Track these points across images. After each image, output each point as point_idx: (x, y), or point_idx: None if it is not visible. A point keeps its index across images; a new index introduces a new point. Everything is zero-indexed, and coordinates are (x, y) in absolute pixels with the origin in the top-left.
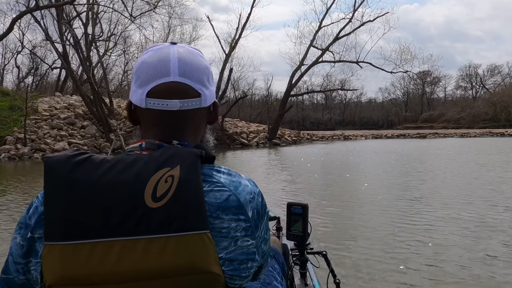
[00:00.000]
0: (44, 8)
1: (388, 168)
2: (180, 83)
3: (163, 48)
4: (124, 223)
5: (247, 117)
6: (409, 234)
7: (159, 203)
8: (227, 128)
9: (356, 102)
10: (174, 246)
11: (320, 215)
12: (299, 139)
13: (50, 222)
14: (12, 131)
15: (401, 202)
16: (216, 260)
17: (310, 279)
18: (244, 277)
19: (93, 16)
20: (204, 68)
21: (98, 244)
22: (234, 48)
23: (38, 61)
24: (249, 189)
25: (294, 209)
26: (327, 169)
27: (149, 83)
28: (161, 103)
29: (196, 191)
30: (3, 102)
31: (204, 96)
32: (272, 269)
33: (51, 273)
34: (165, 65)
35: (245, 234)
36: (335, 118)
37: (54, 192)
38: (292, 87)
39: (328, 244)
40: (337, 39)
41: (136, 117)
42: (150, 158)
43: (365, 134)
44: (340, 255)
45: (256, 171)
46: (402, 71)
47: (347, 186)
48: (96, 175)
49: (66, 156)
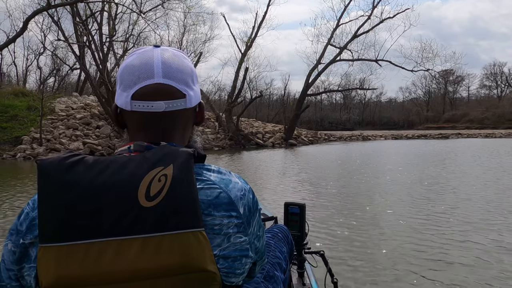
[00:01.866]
0: (55, 6)
1: (398, 169)
2: (164, 84)
3: (147, 51)
4: (118, 223)
5: (265, 117)
6: (410, 234)
7: (153, 202)
8: (242, 128)
9: (376, 102)
10: (169, 245)
11: (319, 214)
12: (316, 139)
13: (45, 224)
14: (28, 131)
15: (404, 203)
16: (212, 258)
17: (308, 279)
18: (239, 274)
19: (109, 16)
20: (188, 70)
21: (93, 244)
22: (250, 47)
23: (59, 62)
24: (240, 186)
25: (291, 209)
26: (332, 170)
27: (134, 86)
28: (146, 105)
29: (189, 190)
30: (21, 103)
31: (189, 96)
32: (278, 256)
33: (46, 275)
34: (149, 68)
35: (237, 230)
36: (354, 118)
37: (48, 194)
38: (309, 86)
39: (327, 243)
40: (356, 37)
41: (123, 120)
42: (143, 158)
43: (385, 135)
44: (338, 255)
45: (262, 171)
46: (423, 70)
47: (350, 187)
48: (89, 176)
49: (59, 158)
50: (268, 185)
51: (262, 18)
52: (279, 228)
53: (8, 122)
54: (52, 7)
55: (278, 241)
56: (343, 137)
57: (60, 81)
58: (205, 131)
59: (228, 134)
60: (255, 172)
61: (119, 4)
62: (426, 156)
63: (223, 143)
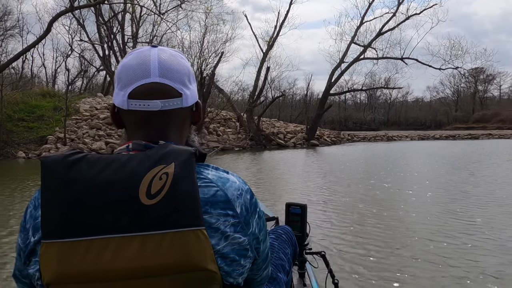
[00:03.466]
0: (78, 8)
1: (417, 171)
2: (160, 83)
3: (144, 51)
4: (119, 220)
5: (287, 117)
6: (410, 235)
7: (154, 200)
8: (263, 128)
9: (402, 102)
10: (169, 243)
11: (321, 214)
12: (338, 140)
13: (47, 221)
14: (53, 131)
15: (409, 204)
16: (212, 257)
17: (309, 279)
18: (238, 274)
19: (134, 17)
20: (184, 69)
21: (94, 241)
22: (271, 46)
23: (86, 64)
24: (237, 186)
25: (292, 209)
26: (348, 171)
27: (130, 85)
28: (142, 103)
29: (190, 188)
30: (48, 103)
31: (185, 96)
32: (281, 258)
33: (48, 271)
34: (145, 67)
35: (234, 230)
36: (379, 118)
37: (51, 191)
38: (331, 85)
39: (328, 244)
40: (380, 34)
41: (121, 120)
42: (145, 156)
43: (411, 135)
44: (339, 256)
45: (278, 171)
46: (452, 68)
47: (363, 189)
48: (91, 173)
49: (62, 155)
50: (281, 185)
51: (284, 17)
52: (283, 229)
53: (35, 122)
54: (75, 9)
55: (282, 242)
56: (367, 137)
57: (87, 82)
58: (226, 131)
59: (249, 134)
60: (270, 172)
61: (139, 5)
62: (453, 157)
63: (244, 143)
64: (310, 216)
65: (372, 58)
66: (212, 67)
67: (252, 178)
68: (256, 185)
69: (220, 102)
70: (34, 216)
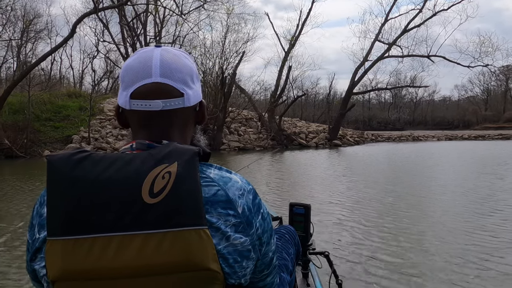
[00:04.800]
0: (101, 10)
1: (439, 174)
2: (161, 83)
3: (147, 51)
4: (122, 219)
5: (310, 117)
6: (412, 237)
7: (156, 199)
8: (285, 128)
9: (428, 101)
10: (170, 242)
11: (325, 215)
12: (362, 140)
13: (52, 218)
14: (78, 131)
15: (414, 205)
16: (214, 257)
17: (312, 280)
18: (240, 276)
19: (157, 17)
20: (187, 69)
21: (97, 239)
22: (293, 45)
23: (112, 65)
24: (239, 186)
25: (296, 209)
26: (368, 172)
27: (132, 85)
28: (144, 103)
29: (193, 188)
30: (74, 103)
31: (187, 95)
32: (284, 258)
33: (53, 269)
34: (147, 67)
35: (235, 230)
36: (404, 118)
37: (56, 189)
38: (355, 84)
39: (331, 244)
40: (406, 31)
41: (125, 119)
42: (148, 155)
43: (438, 135)
44: (343, 256)
45: (295, 171)
46: (482, 65)
47: (379, 190)
48: (95, 172)
49: (67, 154)
50: (296, 185)
51: (307, 16)
52: (286, 229)
53: (61, 122)
54: (99, 11)
55: (285, 242)
56: (392, 137)
57: (113, 82)
58: (247, 131)
59: (271, 134)
60: (287, 172)
61: (162, 6)
62: (482, 159)
63: (265, 143)
64: (320, 216)
65: (397, 56)
66: (233, 66)
67: (267, 178)
68: (268, 185)
69: (241, 102)
70: (40, 213)
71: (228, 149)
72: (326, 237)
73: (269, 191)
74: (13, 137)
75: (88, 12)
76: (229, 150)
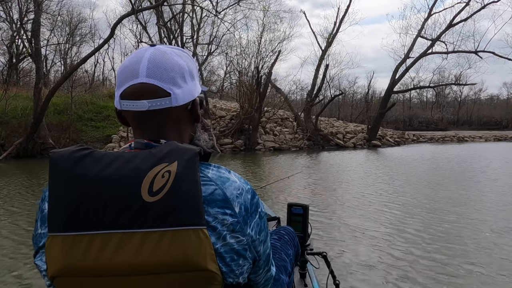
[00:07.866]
0: (139, 11)
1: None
2: (147, 83)
3: (140, 51)
4: (121, 217)
5: (348, 117)
6: (412, 238)
7: (155, 197)
8: (321, 128)
9: (474, 99)
10: (169, 241)
11: (325, 216)
12: (402, 140)
13: (53, 214)
14: (118, 130)
15: (415, 206)
16: (213, 257)
17: (310, 280)
18: (238, 274)
19: (193, 17)
20: (177, 67)
21: (96, 236)
22: (330, 43)
23: None
24: (237, 185)
25: (294, 210)
26: (400, 175)
27: (122, 86)
28: (131, 104)
29: (192, 187)
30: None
31: (174, 95)
32: (283, 259)
33: (53, 264)
34: (136, 67)
35: (232, 229)
36: (448, 118)
37: (57, 186)
38: (395, 83)
39: (331, 245)
40: (451, 26)
41: (124, 118)
42: (149, 154)
43: (485, 136)
44: (341, 256)
45: (329, 172)
46: None
47: (409, 196)
48: (96, 170)
49: (69, 151)
50: (320, 187)
51: (345, 13)
52: (285, 230)
53: (101, 122)
54: (137, 12)
55: (284, 243)
56: (435, 138)
57: None
58: (283, 131)
59: (307, 134)
60: (321, 172)
61: (198, 6)
62: None
63: (301, 143)
64: (329, 217)
65: (441, 53)
66: (269, 66)
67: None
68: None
69: (277, 102)
70: (41, 209)
71: (264, 149)
72: (327, 238)
73: (309, 195)
74: (57, 136)
75: (126, 14)
76: (264, 150)
